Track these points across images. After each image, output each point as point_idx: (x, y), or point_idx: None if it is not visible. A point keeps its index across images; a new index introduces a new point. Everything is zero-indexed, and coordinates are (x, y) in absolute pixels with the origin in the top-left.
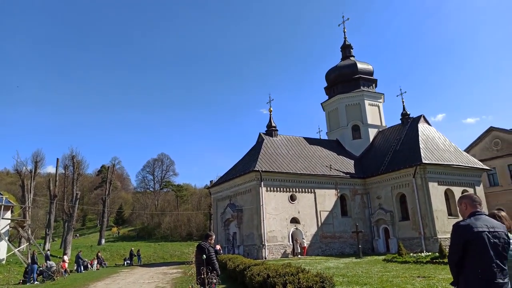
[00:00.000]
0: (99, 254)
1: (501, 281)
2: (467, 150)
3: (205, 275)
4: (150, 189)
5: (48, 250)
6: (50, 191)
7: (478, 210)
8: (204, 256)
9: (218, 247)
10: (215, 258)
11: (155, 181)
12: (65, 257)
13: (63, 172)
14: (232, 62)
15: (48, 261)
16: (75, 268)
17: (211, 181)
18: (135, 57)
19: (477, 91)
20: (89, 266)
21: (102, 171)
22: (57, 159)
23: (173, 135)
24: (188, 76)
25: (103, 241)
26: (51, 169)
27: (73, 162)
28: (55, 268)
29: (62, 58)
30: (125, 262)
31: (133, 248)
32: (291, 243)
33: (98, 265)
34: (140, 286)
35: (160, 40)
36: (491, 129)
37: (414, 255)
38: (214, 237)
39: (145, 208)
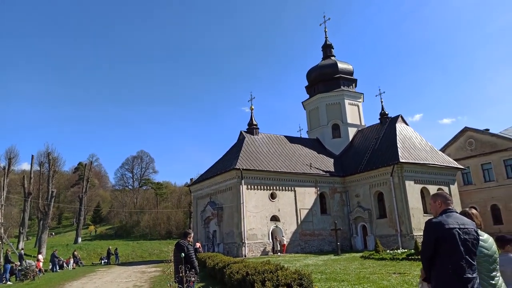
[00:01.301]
0: (76, 253)
1: (470, 276)
2: (443, 149)
3: (183, 273)
4: (129, 187)
5: (22, 249)
6: (25, 188)
7: (450, 207)
8: (183, 254)
9: (198, 244)
10: (194, 256)
11: (134, 179)
12: (40, 256)
13: (38, 169)
14: (214, 60)
15: (27, 261)
16: (50, 267)
17: (191, 179)
18: (114, 51)
19: (454, 93)
20: (64, 265)
21: (79, 168)
22: (32, 155)
23: (153, 132)
24: (169, 72)
25: (79, 239)
26: (26, 166)
27: (48, 159)
28: (34, 267)
29: (36, 49)
30: (102, 261)
31: (110, 247)
32: (271, 241)
33: (74, 264)
34: (117, 285)
35: (141, 34)
36: (465, 129)
37: (391, 252)
38: (192, 235)
39: (123, 206)
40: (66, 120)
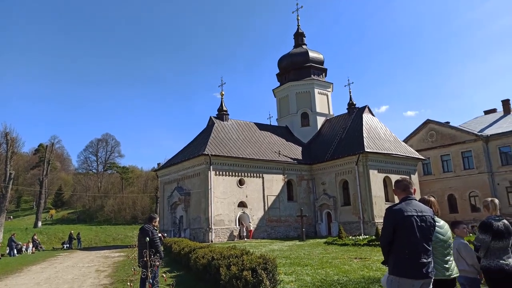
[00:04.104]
0: (35, 237)
1: (425, 260)
2: (406, 140)
3: (147, 258)
4: (93, 170)
5: None
6: None
7: (410, 195)
8: (147, 238)
9: (160, 235)
10: (158, 240)
11: (99, 162)
12: None
13: None
14: (185, 43)
15: None
16: (7, 251)
17: (158, 164)
18: (76, 25)
19: (418, 86)
20: (23, 249)
21: (40, 150)
22: None
23: (120, 115)
24: (137, 53)
25: (39, 223)
26: None
27: (6, 139)
28: None
29: None
30: (64, 246)
31: (72, 231)
32: (238, 226)
33: (34, 249)
34: (79, 270)
35: (106, 10)
36: (427, 121)
37: (353, 238)
38: (158, 219)
39: (86, 190)
40: (26, 99)
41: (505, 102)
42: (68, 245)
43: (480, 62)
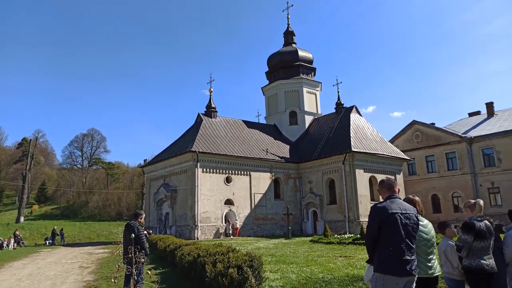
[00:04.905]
0: (17, 232)
1: (409, 257)
2: (392, 141)
3: (132, 255)
4: (78, 165)
5: None
6: None
7: (394, 194)
8: (133, 235)
9: (145, 232)
10: (144, 237)
11: (84, 158)
12: None
13: None
14: (174, 39)
15: None
16: None
17: (145, 160)
18: (62, 19)
19: (405, 88)
20: (4, 245)
21: (23, 144)
22: None
23: (106, 110)
24: (127, 49)
25: (22, 219)
26: None
27: None
28: None
29: None
30: (47, 242)
31: (56, 227)
32: (224, 224)
33: (15, 244)
34: (62, 266)
35: (94, 4)
36: (413, 122)
37: (338, 236)
38: (144, 216)
39: (71, 186)
40: (9, 92)
41: (489, 105)
42: (51, 241)
43: (465, 65)
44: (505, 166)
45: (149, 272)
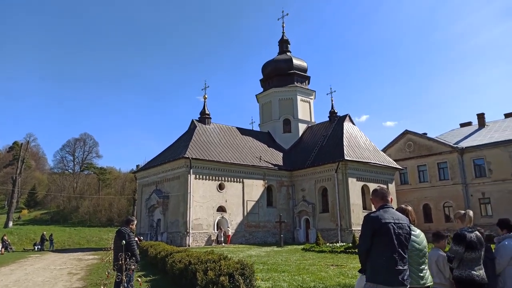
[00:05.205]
0: (5, 237)
1: (401, 267)
2: (384, 150)
3: (123, 261)
4: (69, 170)
5: None
6: None
7: (387, 204)
8: (124, 241)
9: (136, 239)
10: (135, 244)
11: (75, 163)
12: None
13: None
14: (169, 42)
15: None
16: None
17: (137, 166)
18: (55, 22)
19: (398, 98)
20: None
21: (14, 147)
22: None
23: (99, 115)
24: (117, 50)
25: (10, 223)
26: None
27: None
28: None
29: None
30: (36, 247)
31: (45, 232)
32: (216, 231)
33: (3, 250)
34: (50, 272)
35: (85, 2)
36: (406, 132)
37: (330, 245)
38: (135, 222)
39: (61, 191)
40: (1, 94)
41: (480, 116)
42: (39, 247)
43: (457, 76)
44: (495, 177)
45: (139, 279)
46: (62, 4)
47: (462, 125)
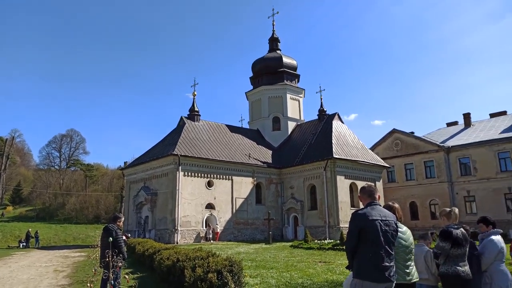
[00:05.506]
0: None
1: (387, 264)
2: (372, 148)
3: (110, 258)
4: (55, 167)
5: None
6: None
7: (374, 201)
8: (111, 238)
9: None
10: (122, 241)
11: (62, 159)
12: None
13: None
14: (158, 39)
15: None
16: None
17: (125, 163)
18: (42, 18)
19: (386, 97)
20: None
21: None
22: None
23: (86, 111)
24: (106, 46)
25: None
26: None
27: None
28: None
29: None
30: (21, 244)
31: (30, 229)
32: (204, 228)
33: None
34: (36, 270)
35: (75, 4)
36: (393, 131)
37: (318, 242)
38: (123, 219)
39: (47, 187)
40: None
41: (466, 116)
42: (25, 244)
43: (444, 77)
44: (480, 175)
45: (127, 277)
46: (62, 4)
47: (449, 124)
